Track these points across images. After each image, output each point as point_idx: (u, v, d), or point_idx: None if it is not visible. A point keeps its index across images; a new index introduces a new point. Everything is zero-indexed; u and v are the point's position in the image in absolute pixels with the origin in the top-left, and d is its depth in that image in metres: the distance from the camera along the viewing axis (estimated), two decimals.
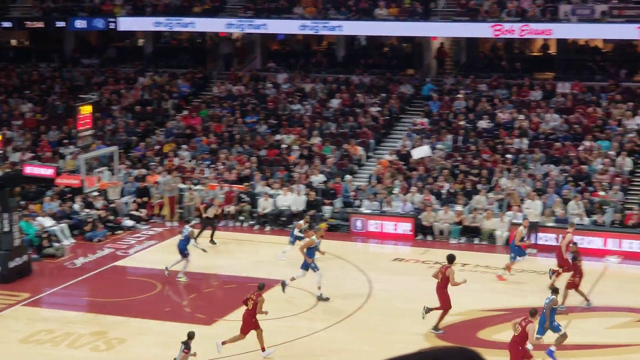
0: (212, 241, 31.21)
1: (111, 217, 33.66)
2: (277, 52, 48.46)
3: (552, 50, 44.15)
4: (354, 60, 45.13)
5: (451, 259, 22.89)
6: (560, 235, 27.43)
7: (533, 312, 19.78)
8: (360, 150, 38.04)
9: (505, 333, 22.71)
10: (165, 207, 34.82)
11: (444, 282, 22.41)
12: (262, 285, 21.75)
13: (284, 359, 21.09)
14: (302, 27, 42.00)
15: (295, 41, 48.55)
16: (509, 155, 35.85)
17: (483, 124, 38.35)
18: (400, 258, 30.31)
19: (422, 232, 32.54)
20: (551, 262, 28.51)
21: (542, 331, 20.57)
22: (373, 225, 32.89)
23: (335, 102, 41.52)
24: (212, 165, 37.71)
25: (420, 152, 36.24)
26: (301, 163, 36.97)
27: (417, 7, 41.66)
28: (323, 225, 30.66)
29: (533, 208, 31.32)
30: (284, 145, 38.71)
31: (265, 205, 34.04)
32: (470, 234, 32.24)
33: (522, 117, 38.13)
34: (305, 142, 38.79)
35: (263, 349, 20.94)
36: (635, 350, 21.81)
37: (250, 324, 20.94)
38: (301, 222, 29.57)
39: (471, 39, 43.74)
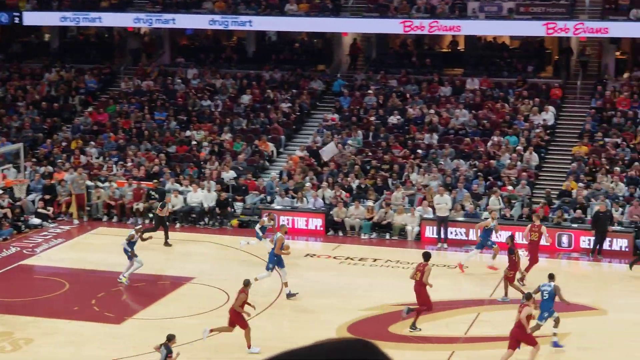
0: (166, 243, 30.44)
1: (21, 217, 32.92)
2: (186, 47, 48.01)
3: (461, 46, 44.66)
4: (265, 56, 44.96)
5: (427, 256, 22.96)
6: (522, 232, 27.57)
7: (528, 295, 20.27)
8: (271, 147, 37.91)
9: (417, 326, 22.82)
10: (73, 205, 34.18)
11: (422, 279, 22.43)
12: (247, 282, 21.63)
13: (192, 358, 20.83)
14: (212, 22, 41.63)
15: (205, 36, 48.18)
16: (419, 151, 36.10)
17: (393, 119, 38.56)
18: (312, 254, 30.28)
19: (333, 228, 32.56)
20: (460, 256, 28.84)
21: (549, 316, 21.15)
22: (284, 221, 32.72)
23: (245, 98, 41.29)
24: (121, 162, 37.18)
25: (328, 151, 36.14)
26: (212, 159, 36.67)
27: (327, 2, 41.65)
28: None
29: (443, 203, 31.51)
30: (194, 142, 38.35)
31: (175, 202, 33.66)
32: (382, 229, 32.35)
33: (432, 112, 38.44)
34: (216, 138, 38.49)
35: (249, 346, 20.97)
36: (541, 342, 22.06)
37: (238, 318, 20.92)
38: (264, 218, 29.31)
39: (381, 35, 43.94)
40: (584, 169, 34.04)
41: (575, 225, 30.58)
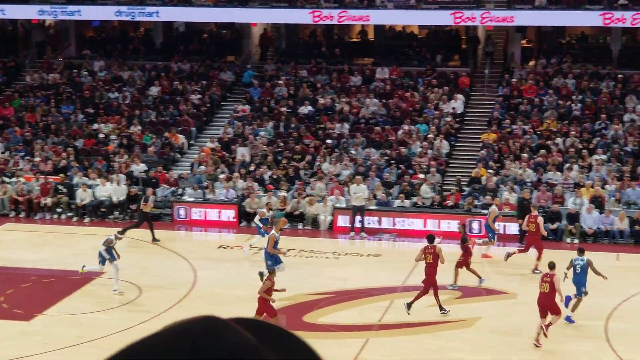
0: (154, 240, 29.55)
1: None
2: (92, 39, 47.29)
3: (371, 36, 44.81)
4: (173, 47, 44.51)
5: (432, 239, 23.06)
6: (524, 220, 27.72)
7: (552, 264, 20.75)
8: (181, 139, 37.54)
9: (330, 315, 22.83)
10: None
11: (435, 261, 22.49)
12: (272, 270, 21.53)
13: (99, 356, 20.45)
14: (118, 13, 41.03)
15: (111, 27, 47.49)
16: (330, 141, 36.12)
17: (304, 109, 38.53)
18: (225, 245, 30.08)
19: (246, 219, 32.38)
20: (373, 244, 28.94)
21: (580, 293, 21.79)
22: (196, 213, 32.52)
23: (154, 90, 40.81)
24: (27, 157, 36.44)
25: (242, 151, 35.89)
26: (120, 152, 36.16)
27: None
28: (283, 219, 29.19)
29: (360, 192, 31.41)
30: (101, 135, 37.77)
31: (83, 197, 33.10)
32: (294, 219, 32.29)
33: (342, 102, 38.50)
34: (125, 130, 37.97)
35: None
36: (454, 326, 22.29)
37: (266, 306, 20.68)
38: (263, 210, 28.75)
39: (291, 25, 43.85)
40: (493, 156, 34.47)
41: (485, 212, 30.88)
